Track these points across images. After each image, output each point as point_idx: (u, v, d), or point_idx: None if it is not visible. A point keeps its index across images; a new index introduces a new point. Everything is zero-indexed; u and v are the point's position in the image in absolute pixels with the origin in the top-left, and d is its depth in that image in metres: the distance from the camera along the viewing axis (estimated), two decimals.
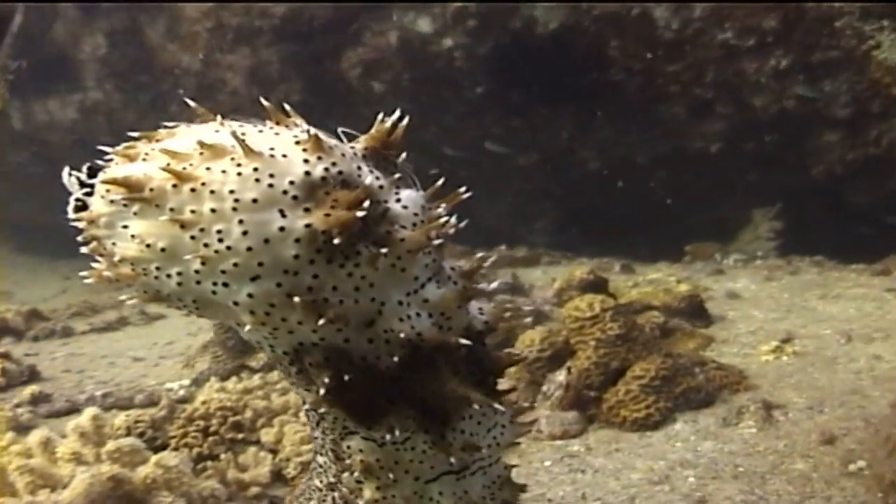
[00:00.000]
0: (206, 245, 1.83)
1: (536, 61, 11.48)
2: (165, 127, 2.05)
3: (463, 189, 2.20)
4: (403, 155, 2.11)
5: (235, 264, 1.84)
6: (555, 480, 4.85)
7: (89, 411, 4.84)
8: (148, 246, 1.89)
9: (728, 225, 11.75)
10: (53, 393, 7.38)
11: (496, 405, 2.24)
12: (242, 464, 5.08)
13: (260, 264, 1.83)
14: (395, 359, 2.00)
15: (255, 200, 1.82)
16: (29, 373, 8.09)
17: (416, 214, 2.03)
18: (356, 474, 2.28)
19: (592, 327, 5.87)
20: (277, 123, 2.02)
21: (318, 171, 1.89)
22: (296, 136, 1.94)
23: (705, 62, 11.01)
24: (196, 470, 4.91)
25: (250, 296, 1.87)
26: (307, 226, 1.84)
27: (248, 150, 1.84)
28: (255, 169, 1.84)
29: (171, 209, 1.83)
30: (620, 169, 12.19)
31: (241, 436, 5.42)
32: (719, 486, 4.58)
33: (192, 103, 2.11)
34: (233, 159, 1.85)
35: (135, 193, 1.86)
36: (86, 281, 2.13)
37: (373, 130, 2.09)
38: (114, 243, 1.97)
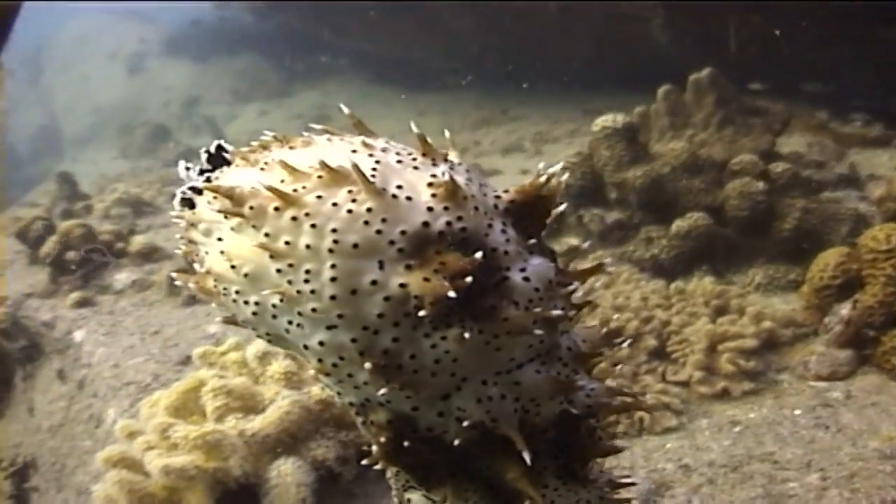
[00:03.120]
0: (290, 282, 1.80)
1: None
2: (311, 130, 2.04)
3: (608, 260, 2.18)
4: (562, 207, 2.04)
5: (314, 309, 1.79)
6: (794, 436, 4.98)
7: None
8: (233, 267, 1.88)
9: None
10: None
11: (577, 488, 2.20)
12: None
13: (340, 315, 1.79)
14: (458, 441, 1.96)
15: (355, 245, 1.76)
16: None
17: (536, 290, 1.90)
18: None
19: (885, 262, 5.75)
20: (425, 155, 1.92)
21: (438, 224, 1.79)
22: (433, 176, 1.85)
23: None
24: None
25: (321, 343, 1.84)
26: (402, 285, 1.77)
27: (369, 187, 1.77)
28: (369, 209, 1.76)
29: (266, 234, 1.80)
30: None
31: None
32: None
33: (346, 110, 2.05)
34: (350, 192, 1.78)
35: (235, 207, 1.83)
36: (176, 283, 2.15)
37: (525, 183, 1.97)
38: (207, 252, 1.97)
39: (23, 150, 31.00)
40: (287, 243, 1.78)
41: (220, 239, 1.92)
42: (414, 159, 1.91)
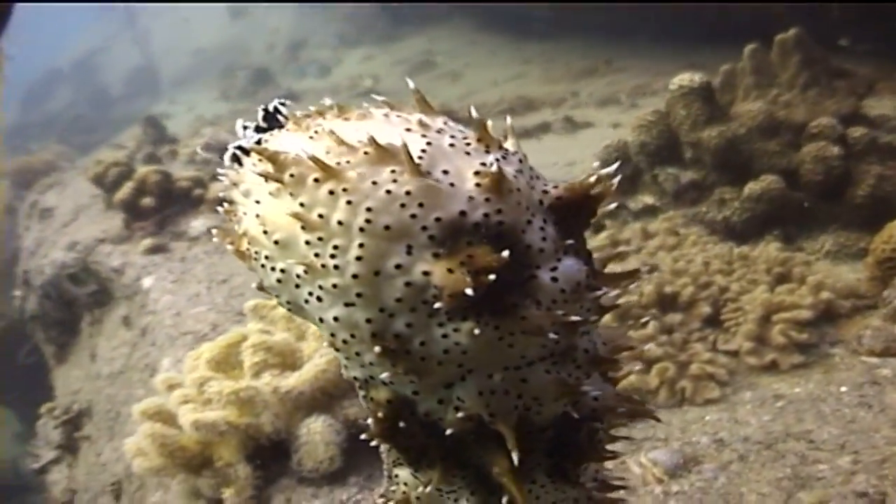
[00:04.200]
0: (317, 255, 1.79)
1: None
2: (372, 101, 2.01)
3: (647, 268, 2.11)
4: (612, 205, 2.01)
5: (335, 285, 1.79)
6: (835, 415, 4.89)
7: None
8: (265, 232, 1.88)
9: None
10: None
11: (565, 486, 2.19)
12: None
13: (359, 294, 1.78)
14: (454, 430, 1.95)
15: (387, 227, 1.75)
16: None
17: (562, 292, 1.88)
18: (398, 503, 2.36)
19: None
20: (479, 140, 1.88)
21: (475, 215, 1.78)
22: (483, 165, 1.82)
23: None
24: None
25: (336, 319, 1.83)
26: (425, 273, 1.76)
27: (413, 169, 1.75)
28: (408, 192, 1.75)
29: (302, 204, 1.79)
30: None
31: None
32: None
33: (411, 84, 1.99)
34: (393, 171, 1.76)
35: (276, 173, 1.82)
36: (214, 240, 2.15)
37: (576, 182, 1.94)
38: (245, 213, 1.97)
39: (116, 90, 31.54)
40: (320, 216, 1.78)
41: (257, 202, 1.92)
42: (468, 144, 1.88)
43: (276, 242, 1.86)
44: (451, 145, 1.85)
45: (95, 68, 34.24)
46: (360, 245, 1.76)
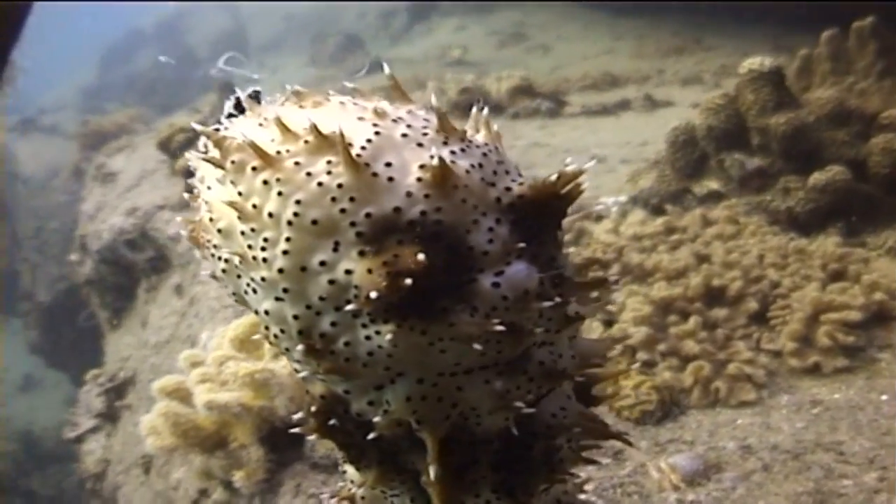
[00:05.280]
0: (250, 246, 1.76)
1: None
2: (345, 88, 1.92)
3: (614, 279, 1.89)
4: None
5: (264, 278, 1.75)
6: (870, 425, 4.70)
7: None
8: (211, 220, 1.86)
9: None
10: None
11: None
12: None
13: (285, 290, 1.74)
14: (382, 433, 1.90)
15: (314, 222, 1.68)
16: None
17: (504, 299, 1.75)
18: (343, 500, 2.31)
19: None
20: (440, 130, 1.79)
21: (411, 212, 1.68)
22: (431, 158, 1.70)
23: None
24: None
25: (267, 312, 1.80)
26: (348, 272, 1.68)
27: (348, 160, 1.66)
28: (340, 185, 1.67)
29: (240, 193, 1.75)
30: None
31: None
32: None
33: (387, 69, 1.89)
34: (329, 162, 1.69)
35: (220, 159, 1.77)
36: (180, 230, 2.08)
37: (540, 181, 1.81)
38: (201, 200, 1.94)
39: (202, 52, 31.72)
40: (254, 206, 1.73)
41: (208, 188, 1.88)
42: (425, 134, 1.78)
43: (219, 231, 1.84)
44: (405, 135, 1.76)
45: (182, 30, 34.56)
46: (288, 239, 1.71)
